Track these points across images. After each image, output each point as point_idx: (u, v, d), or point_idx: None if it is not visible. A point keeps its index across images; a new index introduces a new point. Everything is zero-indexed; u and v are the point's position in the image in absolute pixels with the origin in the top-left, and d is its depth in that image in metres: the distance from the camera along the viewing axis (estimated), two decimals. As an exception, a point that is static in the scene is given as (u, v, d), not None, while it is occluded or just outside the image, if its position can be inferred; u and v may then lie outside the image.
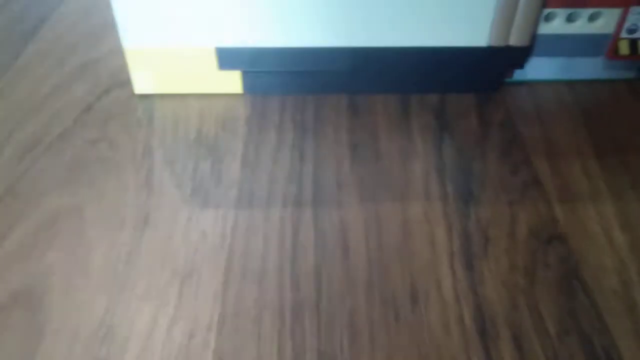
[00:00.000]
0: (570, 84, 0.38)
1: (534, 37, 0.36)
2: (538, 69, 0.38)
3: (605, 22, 0.35)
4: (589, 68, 0.38)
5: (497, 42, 0.35)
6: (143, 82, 0.36)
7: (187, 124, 0.34)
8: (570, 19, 0.36)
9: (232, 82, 0.36)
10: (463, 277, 0.26)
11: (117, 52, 0.40)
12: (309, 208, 0.29)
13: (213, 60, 0.35)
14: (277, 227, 0.28)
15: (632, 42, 0.36)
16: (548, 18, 0.35)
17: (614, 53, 0.37)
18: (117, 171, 0.31)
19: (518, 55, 0.36)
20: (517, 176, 0.31)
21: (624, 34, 0.36)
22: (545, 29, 0.36)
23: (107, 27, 0.42)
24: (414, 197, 0.30)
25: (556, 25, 0.36)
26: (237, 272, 0.26)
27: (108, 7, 0.42)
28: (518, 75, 0.38)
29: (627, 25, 0.35)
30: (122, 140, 0.33)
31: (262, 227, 0.28)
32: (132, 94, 0.36)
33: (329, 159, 0.32)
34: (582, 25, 0.36)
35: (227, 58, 0.35)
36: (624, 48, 0.36)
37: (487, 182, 0.31)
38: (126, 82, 0.37)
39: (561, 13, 0.35)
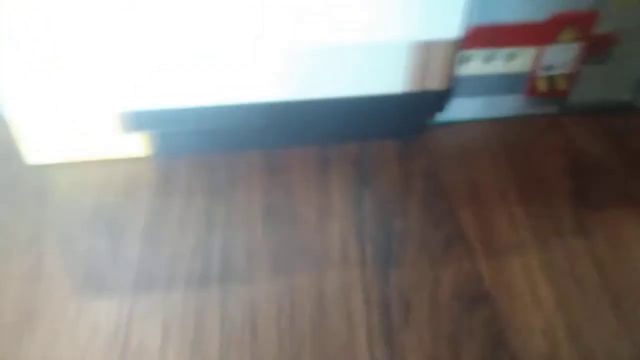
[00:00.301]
0: (494, 122, 0.37)
1: (452, 79, 0.35)
2: (460, 108, 0.37)
3: (522, 61, 0.35)
4: (511, 105, 0.37)
5: (413, 88, 0.34)
6: (35, 152, 0.33)
7: (85, 197, 0.31)
8: (487, 59, 0.35)
9: (137, 145, 0.33)
10: (382, 357, 0.23)
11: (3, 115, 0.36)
12: (215, 287, 0.26)
13: (116, 124, 0.32)
14: (179, 312, 0.25)
15: (550, 79, 0.35)
16: (465, 60, 0.34)
17: (533, 90, 0.36)
18: (2, 260, 0.27)
19: (437, 99, 0.35)
20: (440, 230, 0.29)
21: (541, 72, 0.35)
22: (462, 70, 0.35)
23: None
24: (330, 264, 0.27)
25: (474, 66, 0.35)
26: (131, 372, 0.23)
27: None
28: (440, 116, 0.37)
29: (543, 63, 0.35)
30: (11, 220, 0.29)
31: (161, 314, 0.25)
32: (23, 165, 0.33)
33: (239, 226, 0.29)
34: (500, 65, 0.35)
35: (131, 121, 0.32)
36: (542, 85, 0.36)
37: (409, 240, 0.29)
38: (15, 153, 0.33)
39: (478, 54, 0.34)
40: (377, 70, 0.33)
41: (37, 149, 0.33)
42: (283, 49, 0.31)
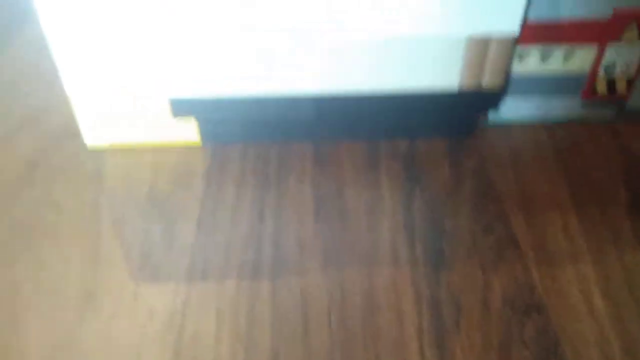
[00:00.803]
0: (548, 125, 0.36)
1: (507, 77, 0.34)
2: (513, 109, 0.36)
3: (581, 60, 0.34)
4: (566, 107, 0.36)
5: (467, 85, 0.33)
6: (94, 135, 0.34)
7: (140, 182, 0.32)
8: (544, 57, 0.34)
9: (191, 131, 0.34)
10: (433, 359, 0.24)
11: (69, 99, 0.37)
12: (267, 277, 0.27)
13: (167, 109, 0.33)
14: (232, 301, 0.26)
15: (610, 81, 0.34)
16: (522, 57, 0.34)
17: (591, 92, 0.35)
18: (61, 240, 0.28)
19: (491, 98, 0.34)
20: (491, 234, 0.29)
21: (600, 73, 0.34)
22: (519, 68, 0.34)
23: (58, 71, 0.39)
24: (381, 261, 0.28)
25: (530, 64, 0.34)
26: (187, 358, 0.24)
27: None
28: (493, 116, 0.36)
29: (603, 63, 0.34)
30: (69, 202, 0.30)
31: (215, 303, 0.26)
32: (83, 147, 0.34)
33: (291, 216, 0.30)
34: (558, 63, 0.34)
35: (186, 107, 0.33)
36: (601, 87, 0.35)
37: (459, 242, 0.29)
38: (77, 134, 0.34)
39: (535, 51, 0.33)
40: (430, 65, 0.32)
41: (95, 131, 0.33)
42: (336, 42, 0.31)
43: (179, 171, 0.32)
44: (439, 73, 0.33)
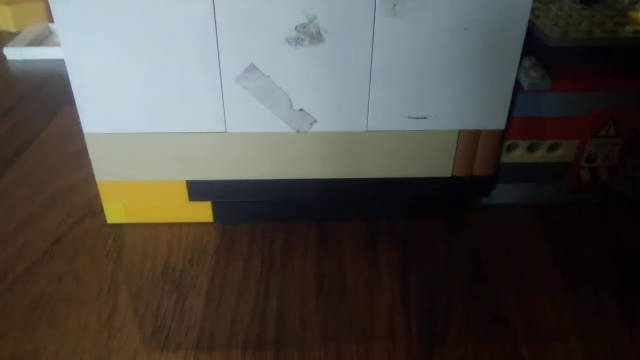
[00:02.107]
0: (538, 207, 0.39)
1: (497, 166, 0.37)
2: (505, 193, 0.39)
3: (564, 152, 0.37)
4: (555, 193, 0.39)
5: (460, 173, 0.36)
6: (115, 213, 0.36)
7: (156, 256, 0.34)
8: (531, 149, 0.37)
9: (202, 211, 0.37)
10: None
11: (94, 179, 0.40)
12: (270, 351, 0.28)
13: (183, 192, 0.36)
14: (236, 373, 0.27)
15: (593, 170, 0.37)
16: (510, 148, 0.37)
17: (576, 180, 0.38)
18: (80, 310, 0.31)
19: (482, 184, 0.37)
20: (483, 310, 0.31)
21: (583, 163, 0.37)
22: (508, 158, 0.37)
23: (87, 153, 0.43)
24: (378, 337, 0.29)
25: (518, 154, 0.37)
26: None
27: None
28: (485, 200, 0.39)
29: (585, 155, 0.37)
30: (89, 275, 0.33)
31: (221, 373, 0.27)
32: (104, 224, 0.37)
33: (294, 293, 0.32)
34: (543, 154, 0.37)
35: (197, 190, 0.36)
36: (585, 176, 0.37)
37: (453, 319, 0.30)
38: (99, 211, 0.37)
39: (522, 144, 0.36)
40: (427, 154, 0.35)
41: (116, 210, 0.36)
42: (339, 132, 0.34)
43: (191, 247, 0.35)
44: (434, 160, 0.36)
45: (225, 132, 0.33)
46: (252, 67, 0.31)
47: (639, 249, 0.35)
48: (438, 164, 0.36)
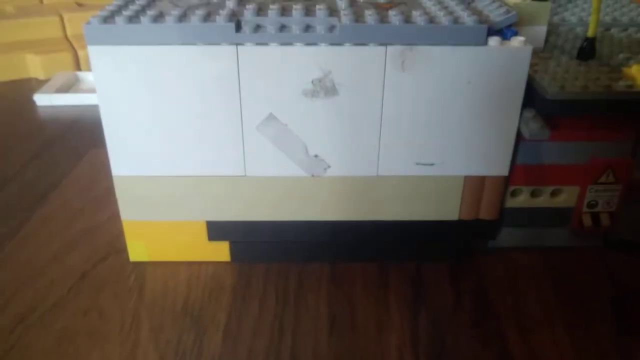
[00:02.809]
0: (542, 251, 0.40)
1: (502, 210, 0.39)
2: (510, 237, 0.40)
3: (566, 197, 0.38)
4: (558, 237, 0.40)
5: (467, 216, 0.38)
6: (138, 251, 0.38)
7: (176, 293, 0.36)
8: (534, 194, 0.39)
9: (220, 251, 0.39)
10: None
11: (117, 218, 0.43)
12: (284, 385, 0.30)
13: (203, 232, 0.38)
14: (252, 406, 0.29)
15: (594, 215, 0.39)
16: (514, 194, 0.38)
17: (578, 224, 0.39)
18: (104, 344, 0.32)
19: (488, 228, 0.39)
20: (488, 349, 0.32)
21: (585, 209, 0.39)
22: (512, 203, 0.39)
23: (112, 193, 0.45)
24: (387, 373, 0.30)
25: (522, 200, 0.39)
26: None
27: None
28: (491, 242, 0.40)
29: (586, 200, 0.38)
30: (113, 310, 0.34)
31: (237, 406, 0.29)
32: (127, 261, 0.38)
33: (307, 331, 0.33)
34: (546, 200, 0.39)
35: (216, 230, 0.38)
36: (587, 221, 0.39)
37: (460, 357, 0.31)
38: (122, 250, 0.39)
39: (525, 190, 0.38)
40: (435, 198, 0.37)
41: (139, 248, 0.38)
42: (351, 177, 0.36)
43: (210, 285, 0.37)
44: (441, 205, 0.38)
45: (245, 175, 0.36)
46: (271, 117, 0.34)
47: (637, 293, 0.36)
48: (445, 208, 0.38)
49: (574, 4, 0.49)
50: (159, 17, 0.32)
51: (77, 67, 0.73)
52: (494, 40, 0.33)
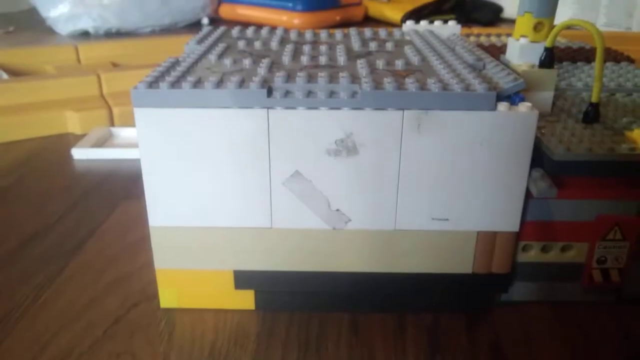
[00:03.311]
0: (554, 305, 0.41)
1: (514, 265, 0.40)
2: (522, 290, 0.42)
3: (576, 253, 0.40)
4: (570, 291, 0.42)
5: (480, 270, 0.40)
6: (168, 298, 0.41)
7: (203, 339, 0.38)
8: (544, 250, 0.40)
9: (246, 299, 0.41)
10: None
11: (149, 266, 0.45)
12: None
13: (230, 281, 0.40)
14: None
15: (604, 271, 0.40)
16: (525, 249, 0.40)
17: (588, 280, 0.41)
18: (136, 385, 0.34)
19: (500, 281, 0.40)
20: (503, 400, 0.33)
21: (595, 265, 0.40)
22: (523, 257, 0.41)
23: (145, 241, 0.48)
24: (405, 420, 0.32)
25: (533, 255, 0.40)
26: None
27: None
28: (505, 296, 0.42)
29: (596, 256, 0.40)
30: (144, 354, 0.36)
31: None
32: (158, 308, 0.41)
33: (328, 377, 0.35)
34: (556, 255, 0.40)
35: (243, 279, 0.40)
36: (597, 276, 0.40)
37: (475, 407, 0.33)
38: (153, 296, 0.41)
39: (536, 245, 0.40)
40: (449, 252, 0.39)
41: (169, 295, 0.41)
42: (370, 230, 0.38)
43: (235, 332, 0.39)
44: (455, 258, 0.39)
45: (271, 227, 0.38)
46: (297, 173, 0.37)
47: (651, 346, 0.37)
48: (459, 262, 0.40)
49: (581, 70, 0.52)
50: (198, 83, 0.36)
51: (112, 123, 0.77)
52: (502, 106, 0.35)
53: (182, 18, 1.21)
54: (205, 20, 1.26)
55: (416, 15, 1.23)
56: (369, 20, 1.33)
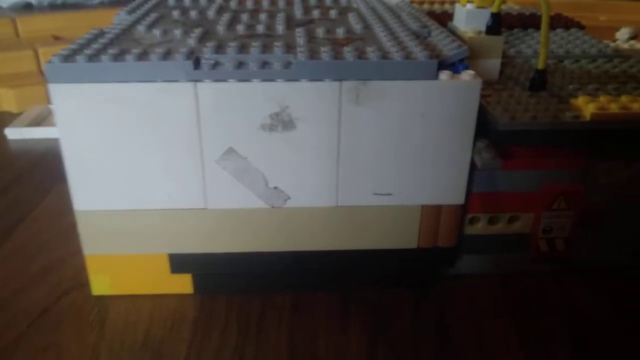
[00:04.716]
0: (501, 277, 0.41)
1: (461, 238, 0.40)
2: (468, 264, 0.41)
3: (523, 224, 0.39)
4: (518, 262, 0.41)
5: (425, 244, 0.39)
6: (100, 285, 0.38)
7: (137, 327, 0.36)
8: (492, 221, 0.40)
9: (183, 283, 0.39)
10: None
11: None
12: (242, 418, 0.30)
13: (166, 265, 0.38)
14: None
15: (550, 241, 0.40)
16: (472, 221, 0.39)
17: (535, 250, 0.40)
18: (62, 379, 0.32)
19: (446, 255, 0.39)
20: (447, 378, 0.32)
21: (541, 235, 0.40)
22: (471, 230, 0.40)
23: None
24: (345, 403, 0.31)
25: (480, 227, 0.40)
26: None
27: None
28: (453, 270, 0.41)
29: (542, 226, 0.39)
30: (72, 346, 0.34)
31: None
32: (90, 295, 0.38)
33: (268, 362, 0.33)
34: (503, 227, 0.40)
35: (179, 263, 0.38)
36: (543, 246, 0.40)
37: (418, 386, 0.32)
38: (86, 284, 0.39)
39: (483, 217, 0.39)
40: (394, 228, 0.38)
41: (102, 282, 0.38)
42: (311, 208, 0.37)
43: (172, 318, 0.37)
44: (400, 233, 0.38)
45: (206, 208, 0.36)
46: (231, 150, 0.35)
47: (593, 318, 0.37)
48: (404, 237, 0.38)
49: (531, 37, 0.51)
50: (119, 56, 0.33)
51: (50, 100, 0.73)
52: (444, 74, 0.34)
53: (131, -12, 1.15)
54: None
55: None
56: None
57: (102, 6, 1.07)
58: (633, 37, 0.65)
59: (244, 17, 0.43)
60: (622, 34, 0.66)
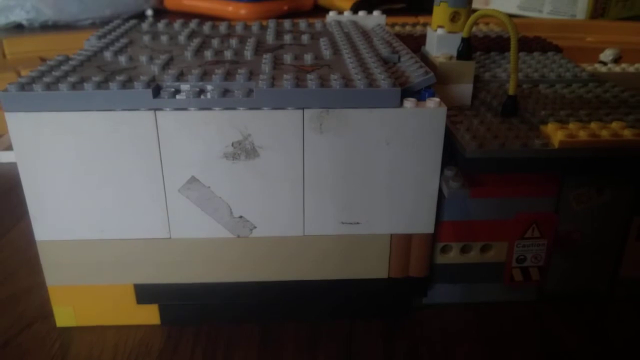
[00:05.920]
0: (475, 306, 0.40)
1: (433, 267, 0.39)
2: (442, 293, 0.40)
3: (496, 252, 0.39)
4: (491, 292, 0.40)
5: (396, 274, 0.38)
6: (64, 316, 0.38)
7: (101, 359, 0.35)
8: (464, 250, 0.39)
9: (150, 314, 0.38)
10: None
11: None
12: None
13: (132, 295, 0.37)
14: None
15: (524, 270, 0.39)
16: (444, 250, 0.39)
17: (509, 279, 0.39)
18: (15, 417, 0.31)
19: (418, 285, 0.39)
20: (413, 414, 0.31)
21: (514, 264, 0.39)
22: (443, 259, 0.39)
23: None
24: None
25: (452, 256, 0.39)
26: None
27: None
28: (426, 299, 0.40)
29: (515, 255, 0.38)
30: (30, 380, 0.33)
31: None
32: (54, 327, 0.38)
33: (229, 397, 0.32)
34: (476, 255, 0.39)
35: (145, 293, 0.37)
36: (517, 275, 0.39)
37: (382, 423, 0.31)
38: (50, 314, 0.38)
39: (455, 246, 0.38)
40: (363, 257, 0.37)
41: (66, 313, 0.37)
42: (278, 237, 0.36)
43: (136, 351, 0.36)
44: (370, 263, 0.37)
45: (170, 238, 0.36)
46: (193, 179, 0.34)
47: (568, 348, 0.36)
48: (374, 266, 0.38)
49: (507, 60, 0.50)
50: (77, 84, 0.33)
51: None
52: (409, 102, 0.33)
53: (125, 10, 1.15)
54: (149, 12, 1.21)
55: (367, 4, 1.20)
56: (319, 9, 1.30)
57: (92, 27, 1.08)
58: (617, 59, 0.65)
59: (215, 42, 0.43)
60: (606, 55, 0.65)
